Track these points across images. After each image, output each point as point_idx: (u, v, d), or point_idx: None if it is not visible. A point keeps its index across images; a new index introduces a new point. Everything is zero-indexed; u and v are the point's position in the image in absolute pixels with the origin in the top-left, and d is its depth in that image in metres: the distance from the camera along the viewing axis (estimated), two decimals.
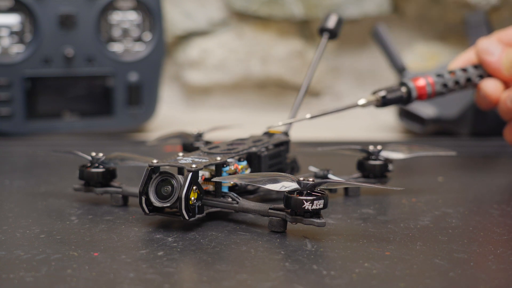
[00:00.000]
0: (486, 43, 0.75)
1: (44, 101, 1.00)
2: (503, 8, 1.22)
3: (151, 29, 1.03)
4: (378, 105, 0.69)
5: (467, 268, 0.46)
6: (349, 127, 1.14)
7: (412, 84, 0.72)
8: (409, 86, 0.71)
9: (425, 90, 0.72)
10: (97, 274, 0.44)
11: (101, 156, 0.61)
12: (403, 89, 0.71)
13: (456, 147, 0.76)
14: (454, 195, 0.67)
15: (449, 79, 0.74)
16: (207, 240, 0.51)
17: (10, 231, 0.53)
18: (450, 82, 0.74)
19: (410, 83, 0.72)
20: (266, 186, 0.52)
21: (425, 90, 0.72)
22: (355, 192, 0.65)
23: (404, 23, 1.27)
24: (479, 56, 0.76)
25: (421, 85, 0.72)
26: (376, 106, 0.69)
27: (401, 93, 0.71)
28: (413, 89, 0.71)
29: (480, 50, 0.75)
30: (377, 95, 0.69)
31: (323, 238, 0.52)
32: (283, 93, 1.30)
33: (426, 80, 0.72)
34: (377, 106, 0.69)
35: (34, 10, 0.97)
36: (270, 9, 1.24)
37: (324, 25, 0.73)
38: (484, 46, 0.75)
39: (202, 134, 0.70)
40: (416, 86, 0.72)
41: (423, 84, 0.72)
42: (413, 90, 0.71)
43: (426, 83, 0.72)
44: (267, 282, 0.43)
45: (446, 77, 0.74)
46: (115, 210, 0.59)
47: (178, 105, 1.29)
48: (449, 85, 0.74)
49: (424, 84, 0.72)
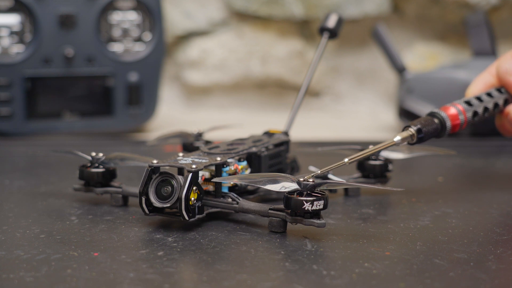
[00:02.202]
0: (509, 64, 0.68)
1: (44, 101, 1.00)
2: (503, 8, 1.22)
3: (151, 29, 1.03)
4: (413, 142, 0.61)
5: (467, 268, 0.46)
6: (349, 127, 1.14)
7: (444, 113, 0.63)
8: (441, 116, 0.63)
9: (458, 119, 0.63)
10: (97, 274, 0.44)
11: (101, 156, 0.61)
12: (435, 120, 0.63)
13: (456, 147, 0.76)
14: (454, 195, 0.67)
15: (478, 106, 0.66)
16: (207, 240, 0.51)
17: (10, 231, 0.53)
18: (479, 109, 0.66)
19: (441, 113, 0.63)
20: (266, 187, 0.52)
21: (458, 118, 0.63)
22: (355, 192, 0.65)
23: (404, 23, 1.27)
24: (504, 78, 0.68)
25: (453, 114, 0.63)
26: (410, 143, 0.61)
27: (436, 124, 0.62)
28: (447, 119, 0.63)
29: (505, 71, 0.68)
30: (410, 130, 0.61)
31: (323, 238, 0.52)
32: (283, 93, 1.30)
33: (456, 108, 0.64)
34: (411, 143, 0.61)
35: (34, 10, 0.97)
36: (270, 9, 1.24)
37: (324, 25, 0.73)
38: (507, 68, 0.68)
39: (202, 134, 0.70)
40: (448, 115, 0.63)
41: (454, 112, 0.64)
42: (446, 120, 0.63)
43: (458, 111, 0.64)
44: (267, 282, 0.43)
45: (475, 103, 0.66)
46: (115, 210, 0.59)
47: (178, 105, 1.29)
48: (479, 112, 0.65)
49: (456, 113, 0.64)
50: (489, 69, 0.70)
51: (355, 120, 1.21)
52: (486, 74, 0.70)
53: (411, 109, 1.04)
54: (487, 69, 0.70)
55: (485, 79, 0.70)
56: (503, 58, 0.69)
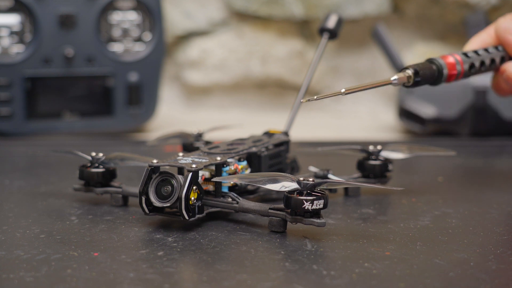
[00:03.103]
0: (508, 23, 0.69)
1: (44, 101, 1.00)
2: (503, 8, 1.22)
3: (151, 29, 1.03)
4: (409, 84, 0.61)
5: (467, 268, 0.46)
6: (349, 127, 1.14)
7: (442, 60, 0.64)
8: (440, 63, 0.63)
9: (455, 68, 0.64)
10: (97, 274, 0.44)
11: (101, 156, 0.61)
12: (433, 66, 0.63)
13: (456, 147, 0.76)
14: (454, 195, 0.67)
15: (475, 59, 0.66)
16: (207, 240, 0.51)
17: (10, 231, 0.53)
18: (476, 62, 0.66)
19: (439, 60, 0.63)
20: (266, 186, 0.52)
21: (455, 68, 0.64)
22: (355, 192, 0.65)
23: (404, 23, 1.27)
24: (502, 36, 0.69)
25: (451, 62, 0.64)
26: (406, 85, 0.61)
27: (433, 70, 0.62)
28: (444, 66, 0.63)
29: (503, 29, 0.68)
30: (407, 72, 0.61)
31: (323, 238, 0.52)
32: (283, 93, 1.30)
33: (455, 57, 0.64)
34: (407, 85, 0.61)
35: (34, 10, 0.97)
36: (270, 9, 1.24)
37: (324, 25, 0.73)
38: (507, 26, 0.68)
39: (202, 134, 0.70)
40: (446, 63, 0.64)
41: (453, 61, 0.64)
42: (444, 67, 0.63)
43: (456, 61, 0.64)
44: (267, 282, 0.43)
45: (472, 56, 0.66)
46: (115, 210, 0.59)
47: (178, 105, 1.29)
48: (476, 65, 0.66)
49: (454, 62, 0.64)
50: (487, 29, 0.71)
51: (355, 120, 1.21)
52: (484, 33, 0.71)
53: (411, 109, 1.04)
54: (485, 29, 0.71)
55: (483, 38, 0.71)
56: (503, 18, 0.70)
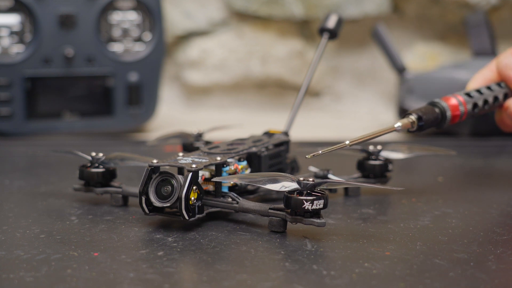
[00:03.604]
0: (509, 59, 0.69)
1: (44, 101, 1.00)
2: (503, 8, 1.22)
3: (151, 29, 1.03)
4: (413, 130, 0.61)
5: (467, 268, 0.46)
6: (349, 127, 1.14)
7: (444, 103, 0.63)
8: (442, 106, 0.63)
9: (458, 110, 0.63)
10: (97, 274, 0.44)
11: (101, 156, 0.61)
12: (436, 109, 0.63)
13: (456, 147, 0.76)
14: (454, 195, 0.67)
15: (478, 98, 0.65)
16: (207, 240, 0.51)
17: (10, 231, 0.53)
18: (479, 101, 0.65)
19: (442, 103, 0.63)
20: (266, 186, 0.52)
21: (458, 109, 0.63)
22: (355, 192, 0.65)
23: (404, 23, 1.27)
24: (504, 73, 0.69)
25: (454, 104, 0.63)
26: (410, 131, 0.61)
27: (436, 114, 0.62)
28: (447, 109, 0.63)
29: (504, 66, 0.69)
30: (411, 117, 0.61)
31: (323, 238, 0.52)
32: (283, 93, 1.30)
33: (457, 99, 0.64)
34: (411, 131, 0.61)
35: (34, 10, 0.97)
36: (270, 9, 1.24)
37: (324, 25, 0.73)
38: (508, 62, 0.69)
39: (202, 134, 0.70)
40: (449, 105, 0.63)
41: (455, 103, 0.63)
42: (447, 109, 0.63)
43: (458, 102, 0.63)
44: (267, 282, 0.43)
45: (475, 95, 0.65)
46: (115, 210, 0.59)
47: (178, 105, 1.29)
48: (479, 105, 0.65)
49: (456, 103, 0.63)
50: (489, 65, 0.71)
51: (355, 120, 1.21)
52: (486, 70, 0.71)
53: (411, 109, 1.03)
54: (487, 66, 0.71)
55: (485, 74, 0.71)
56: (503, 54, 0.70)
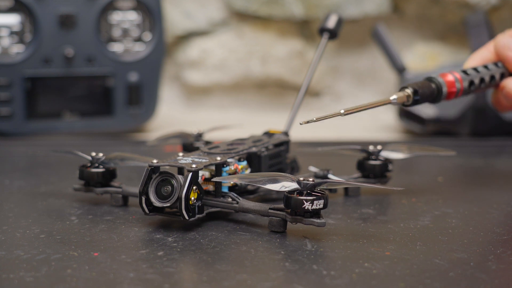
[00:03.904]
0: (507, 39, 0.70)
1: (44, 101, 1.00)
2: (503, 8, 1.22)
3: (151, 29, 1.03)
4: (408, 104, 0.62)
5: (467, 268, 0.46)
6: (349, 127, 1.14)
7: (441, 79, 0.64)
8: (439, 81, 0.63)
9: (454, 86, 0.64)
10: (97, 274, 0.44)
11: (101, 156, 0.61)
12: (432, 84, 0.63)
13: (456, 147, 0.76)
14: (454, 195, 0.67)
15: (474, 76, 0.66)
16: (207, 240, 0.51)
17: (10, 231, 0.53)
18: (475, 79, 0.66)
19: (438, 78, 0.64)
20: (266, 186, 0.52)
21: (455, 86, 0.64)
22: (355, 192, 0.65)
23: (404, 23, 1.27)
24: (501, 53, 0.70)
25: (450, 80, 0.64)
26: (405, 104, 0.62)
27: (432, 89, 0.63)
28: (443, 84, 0.63)
29: (502, 46, 0.69)
30: (406, 91, 0.61)
31: (323, 238, 0.52)
32: (283, 93, 1.30)
33: (454, 75, 0.64)
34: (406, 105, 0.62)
35: (34, 10, 0.97)
36: (270, 9, 1.24)
37: (324, 25, 0.73)
38: (506, 42, 0.69)
39: (202, 134, 0.70)
40: (445, 81, 0.64)
41: (452, 79, 0.64)
42: (443, 85, 0.63)
43: (455, 79, 0.64)
44: (267, 282, 0.43)
45: (471, 73, 0.66)
46: (115, 210, 0.59)
47: (178, 105, 1.29)
48: (475, 83, 0.66)
49: (453, 80, 0.64)
50: (487, 45, 0.71)
51: (355, 120, 1.21)
52: (484, 50, 0.71)
53: (411, 109, 1.04)
54: (485, 46, 0.72)
55: (483, 54, 0.71)
56: (502, 34, 0.70)
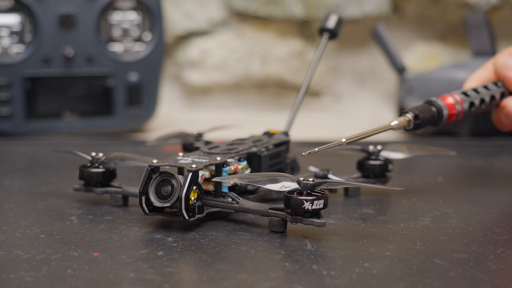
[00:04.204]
0: (505, 58, 0.70)
1: (44, 101, 1.00)
2: (503, 8, 1.22)
3: (151, 29, 1.03)
4: (409, 128, 0.61)
5: (467, 268, 0.46)
6: (349, 127, 1.14)
7: (441, 102, 0.63)
8: (439, 104, 0.63)
9: (454, 108, 0.63)
10: (97, 274, 0.44)
11: (101, 156, 0.61)
12: (433, 108, 0.63)
13: (456, 147, 0.76)
14: (454, 195, 0.67)
15: (475, 97, 0.66)
16: (207, 240, 0.51)
17: (10, 231, 0.53)
18: (476, 100, 0.66)
19: (439, 101, 0.63)
20: (266, 186, 0.52)
21: (455, 108, 0.63)
22: (355, 192, 0.65)
23: (404, 23, 1.27)
24: (501, 72, 0.70)
25: (451, 103, 0.63)
26: (407, 129, 0.61)
27: (433, 112, 0.62)
28: (444, 107, 0.63)
29: (501, 65, 0.70)
30: (407, 116, 0.61)
31: (323, 238, 0.52)
32: (283, 93, 1.30)
33: (454, 98, 0.64)
34: (407, 129, 0.61)
35: (34, 10, 0.97)
36: (270, 9, 1.24)
37: (324, 25, 0.73)
38: (504, 62, 0.70)
39: (202, 134, 0.70)
40: (446, 104, 0.63)
41: (452, 102, 0.64)
42: (443, 108, 0.63)
43: (455, 101, 0.64)
44: (267, 282, 0.43)
45: (471, 94, 0.66)
46: (115, 210, 0.59)
47: (178, 105, 1.29)
48: (476, 104, 0.66)
49: (453, 102, 0.64)
50: (486, 65, 0.71)
51: (355, 120, 1.21)
52: (483, 69, 0.71)
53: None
54: (484, 66, 0.72)
55: (482, 74, 0.71)
56: (500, 54, 0.71)
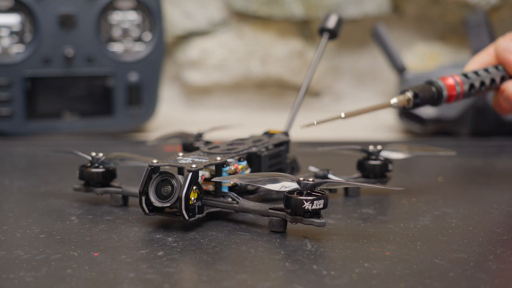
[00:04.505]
0: (507, 42, 0.70)
1: (44, 101, 1.00)
2: (503, 8, 1.22)
3: (151, 29, 1.03)
4: (409, 107, 0.63)
5: (467, 268, 0.46)
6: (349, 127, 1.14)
7: (441, 82, 0.64)
8: (439, 85, 0.64)
9: (454, 89, 0.64)
10: (97, 274, 0.44)
11: (101, 156, 0.61)
12: (433, 88, 0.64)
13: (456, 147, 0.76)
14: (454, 195, 0.67)
15: (475, 79, 0.66)
16: (207, 240, 0.51)
17: (10, 231, 0.53)
18: (476, 82, 0.66)
19: (439, 82, 0.64)
20: (266, 186, 0.52)
21: (455, 89, 0.64)
22: (355, 192, 0.65)
23: (404, 23, 1.27)
24: (502, 56, 0.70)
25: (451, 84, 0.64)
26: (406, 108, 0.63)
27: (433, 92, 0.63)
28: (444, 88, 0.64)
29: (503, 49, 0.70)
30: (407, 94, 0.62)
31: (323, 238, 0.52)
32: (283, 93, 1.30)
33: (454, 79, 0.65)
34: (407, 108, 0.63)
35: (34, 10, 0.97)
36: (270, 9, 1.24)
37: (324, 25, 0.73)
38: (506, 45, 0.70)
39: (202, 134, 0.70)
40: (446, 84, 0.64)
41: (452, 82, 0.64)
42: (443, 88, 0.64)
43: (455, 82, 0.65)
44: (267, 282, 0.43)
45: (472, 77, 0.66)
46: (115, 210, 0.59)
47: (178, 105, 1.29)
48: (476, 86, 0.66)
49: (453, 83, 0.64)
50: (487, 49, 0.72)
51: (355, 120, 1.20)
52: (484, 53, 0.72)
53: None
54: (485, 50, 0.72)
55: (483, 57, 0.71)
56: (502, 38, 0.71)
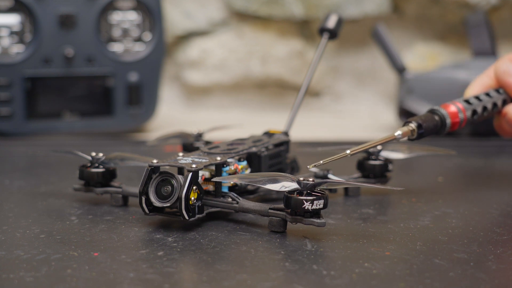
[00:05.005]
0: (506, 65, 0.70)
1: (44, 101, 1.00)
2: (503, 8, 1.22)
3: (151, 29, 1.03)
4: (413, 138, 0.61)
5: (467, 268, 0.46)
6: (349, 127, 1.14)
7: (444, 110, 0.63)
8: (442, 113, 0.63)
9: (457, 117, 0.63)
10: (97, 274, 0.44)
11: (101, 156, 0.61)
12: (435, 117, 0.63)
13: (456, 147, 0.76)
14: (454, 195, 0.67)
15: (477, 105, 0.66)
16: (207, 240, 0.51)
17: (10, 231, 0.53)
18: (478, 108, 0.66)
19: (441, 110, 0.63)
20: (266, 186, 0.52)
21: (458, 116, 0.63)
22: (355, 192, 0.65)
23: (404, 23, 1.27)
24: (502, 79, 0.69)
25: (453, 111, 0.63)
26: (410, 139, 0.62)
27: (436, 121, 0.63)
28: (447, 116, 0.63)
29: (502, 72, 0.69)
30: (411, 125, 0.61)
31: (323, 238, 0.52)
32: (283, 93, 1.30)
33: (456, 106, 0.64)
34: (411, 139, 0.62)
35: (34, 10, 0.97)
36: (270, 9, 1.24)
37: (324, 25, 0.73)
38: (505, 68, 0.69)
39: (202, 134, 0.70)
40: (448, 112, 0.63)
41: (454, 110, 0.64)
42: (446, 117, 0.63)
43: (458, 109, 0.64)
44: (267, 282, 0.43)
45: (474, 102, 0.66)
46: (115, 210, 0.59)
47: (178, 105, 1.29)
48: (478, 111, 0.66)
49: (456, 110, 0.64)
50: (487, 72, 0.71)
51: (355, 120, 1.21)
52: (484, 76, 0.71)
53: (411, 109, 1.04)
54: (485, 72, 0.71)
55: (483, 81, 0.71)
56: (501, 60, 0.70)
